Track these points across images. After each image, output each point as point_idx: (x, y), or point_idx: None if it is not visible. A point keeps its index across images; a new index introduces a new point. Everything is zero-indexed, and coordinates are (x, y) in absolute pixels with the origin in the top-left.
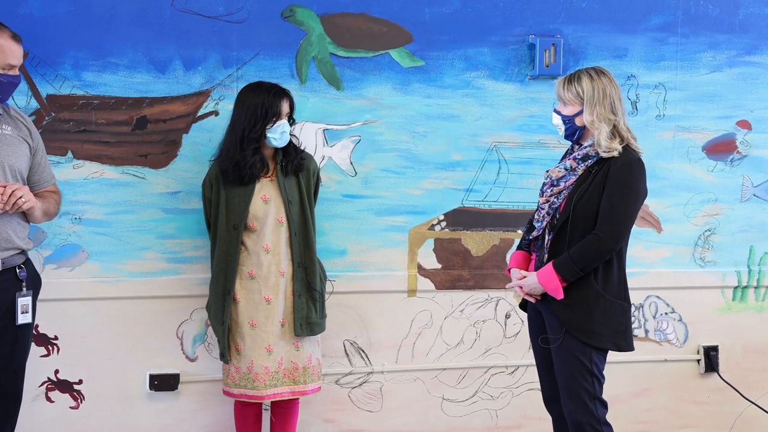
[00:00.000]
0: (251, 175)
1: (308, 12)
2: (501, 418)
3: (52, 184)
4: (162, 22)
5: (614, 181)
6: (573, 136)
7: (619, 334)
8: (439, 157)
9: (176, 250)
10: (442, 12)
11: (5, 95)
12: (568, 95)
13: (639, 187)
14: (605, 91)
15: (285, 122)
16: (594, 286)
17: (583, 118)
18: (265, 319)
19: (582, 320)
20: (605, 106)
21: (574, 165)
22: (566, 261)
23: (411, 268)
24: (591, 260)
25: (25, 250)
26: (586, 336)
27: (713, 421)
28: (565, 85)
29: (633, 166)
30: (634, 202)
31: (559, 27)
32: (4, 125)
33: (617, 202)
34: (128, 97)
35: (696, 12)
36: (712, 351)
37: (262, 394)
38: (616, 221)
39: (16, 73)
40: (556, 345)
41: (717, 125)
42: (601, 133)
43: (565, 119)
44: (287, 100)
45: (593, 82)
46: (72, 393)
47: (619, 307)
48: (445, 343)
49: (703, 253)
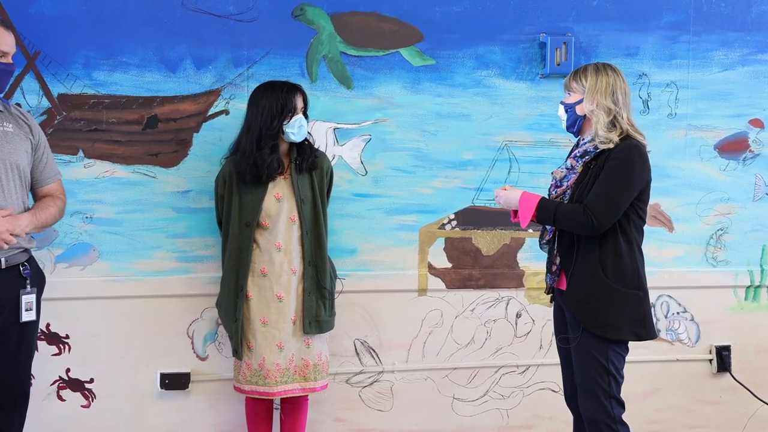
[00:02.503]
0: (269, 174)
1: (319, 11)
2: (512, 418)
3: (56, 180)
4: (173, 21)
5: (609, 164)
6: (573, 126)
7: (637, 323)
8: (449, 156)
9: (187, 249)
10: (452, 10)
11: (1, 84)
12: (573, 85)
13: (633, 172)
14: (608, 81)
15: (301, 116)
16: (603, 279)
17: (583, 106)
18: (276, 316)
19: (596, 315)
20: (606, 96)
21: (573, 163)
22: (550, 209)
23: (421, 267)
24: (567, 226)
25: (28, 249)
26: (603, 329)
27: (725, 421)
28: (573, 76)
29: (629, 151)
30: (625, 186)
31: (570, 25)
32: (5, 123)
33: (609, 184)
34: (139, 96)
35: (708, 10)
36: (725, 351)
37: (273, 390)
38: (604, 202)
39: (9, 61)
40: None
41: (729, 124)
42: (599, 121)
43: (567, 107)
44: (301, 95)
45: (598, 73)
46: (83, 392)
47: (633, 297)
48: (456, 342)
49: (716, 253)
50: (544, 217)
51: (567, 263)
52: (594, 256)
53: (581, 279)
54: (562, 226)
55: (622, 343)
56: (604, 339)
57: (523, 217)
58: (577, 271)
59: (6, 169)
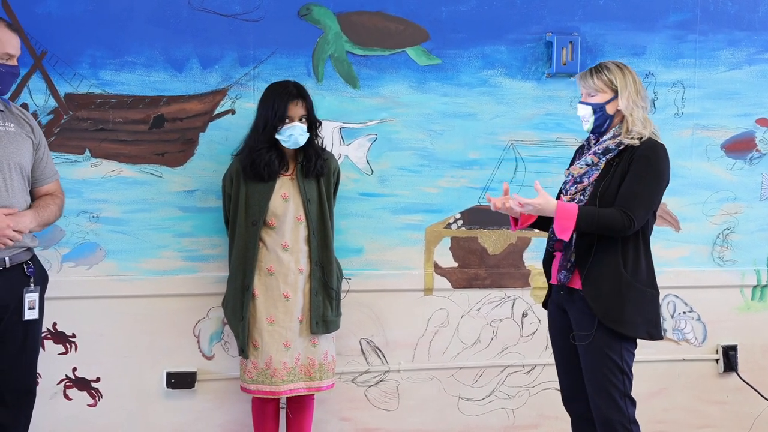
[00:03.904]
0: (269, 172)
1: (325, 10)
2: (518, 417)
3: (55, 180)
4: (179, 20)
5: (639, 163)
6: (602, 126)
7: (651, 322)
8: (455, 155)
9: (193, 249)
10: (458, 10)
11: (5, 86)
12: (599, 84)
13: (664, 170)
14: (635, 78)
15: (295, 125)
16: (624, 275)
17: (618, 103)
18: (283, 315)
19: (615, 310)
20: (637, 93)
21: (595, 160)
22: (592, 216)
23: (427, 266)
24: (607, 231)
25: (31, 248)
26: (621, 326)
27: (732, 422)
28: (593, 74)
29: (657, 149)
30: (657, 185)
31: (576, 25)
32: (7, 122)
33: (642, 183)
34: (145, 96)
35: (715, 9)
36: (731, 350)
37: (279, 389)
38: (641, 201)
39: (14, 63)
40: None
41: (736, 123)
42: (636, 118)
43: (595, 108)
44: (298, 102)
45: (623, 71)
46: (90, 391)
47: (649, 296)
48: (462, 342)
49: (722, 252)
50: (587, 225)
51: (583, 261)
52: (615, 252)
53: (602, 275)
54: (603, 231)
55: (634, 341)
56: (619, 336)
57: (564, 229)
58: (596, 267)
59: (10, 168)
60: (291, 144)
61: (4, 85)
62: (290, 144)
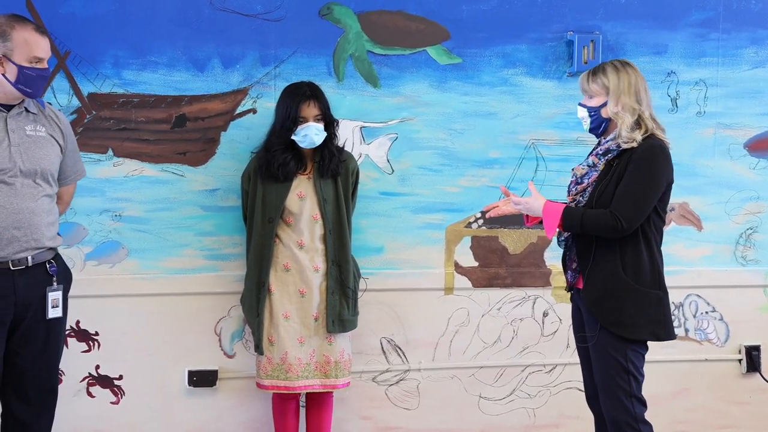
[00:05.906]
0: (284, 173)
1: (345, 10)
2: (538, 417)
3: (73, 183)
4: (201, 20)
5: (634, 165)
6: (598, 128)
7: (657, 323)
8: (476, 154)
9: (214, 247)
10: (479, 9)
11: (36, 89)
12: (594, 87)
13: (658, 172)
14: (630, 81)
15: (310, 125)
16: (622, 278)
17: (608, 109)
18: (298, 311)
19: (615, 313)
20: (630, 96)
21: (595, 161)
22: (576, 216)
23: (448, 265)
24: (596, 231)
25: (54, 247)
26: (622, 329)
27: (755, 422)
28: (590, 77)
29: (654, 150)
30: (651, 186)
31: (597, 23)
32: (39, 126)
33: (635, 184)
34: (167, 95)
35: (738, 7)
36: (754, 351)
37: (294, 385)
38: (632, 203)
39: (44, 66)
40: (592, 343)
41: (759, 122)
42: (624, 123)
43: (590, 111)
44: (310, 103)
45: (618, 73)
46: (112, 388)
47: (654, 297)
48: (482, 341)
49: (745, 252)
50: (571, 225)
51: (584, 262)
52: (613, 254)
53: (600, 277)
54: (590, 231)
55: (641, 342)
56: (622, 338)
57: (548, 227)
58: (595, 269)
59: (36, 176)
60: (307, 144)
61: (35, 89)
62: (306, 144)
